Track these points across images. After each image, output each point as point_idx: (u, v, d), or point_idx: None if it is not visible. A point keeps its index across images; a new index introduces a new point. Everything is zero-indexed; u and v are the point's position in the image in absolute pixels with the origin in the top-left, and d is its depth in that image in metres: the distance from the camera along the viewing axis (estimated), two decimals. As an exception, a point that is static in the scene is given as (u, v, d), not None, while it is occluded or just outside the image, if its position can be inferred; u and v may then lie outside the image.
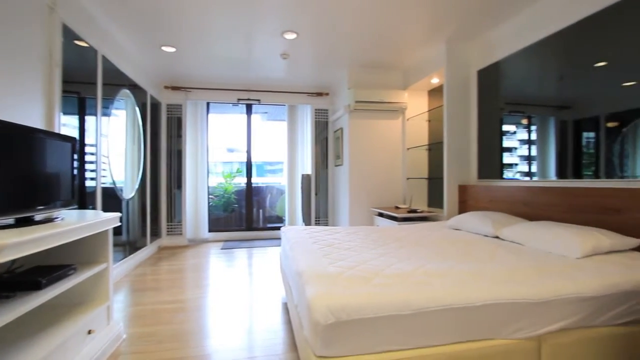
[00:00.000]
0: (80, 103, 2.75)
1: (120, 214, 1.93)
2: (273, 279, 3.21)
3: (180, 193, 4.86)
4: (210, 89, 4.88)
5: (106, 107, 3.08)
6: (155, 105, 4.53)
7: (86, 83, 2.78)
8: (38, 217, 1.55)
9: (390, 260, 1.75)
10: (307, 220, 5.16)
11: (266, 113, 6.42)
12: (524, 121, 3.00)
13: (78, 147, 2.58)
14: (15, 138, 1.44)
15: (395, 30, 3.18)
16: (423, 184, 4.31)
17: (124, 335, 2.03)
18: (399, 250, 2.01)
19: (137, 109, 3.85)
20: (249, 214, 5.56)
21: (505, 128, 3.14)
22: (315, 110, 5.24)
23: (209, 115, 5.31)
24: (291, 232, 2.60)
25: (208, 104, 5.23)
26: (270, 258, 4.07)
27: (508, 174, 3.10)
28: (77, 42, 2.59)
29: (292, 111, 5.54)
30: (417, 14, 2.88)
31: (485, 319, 1.33)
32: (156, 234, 4.57)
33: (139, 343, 1.97)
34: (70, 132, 2.51)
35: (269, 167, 7.32)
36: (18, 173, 1.45)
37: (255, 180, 6.50)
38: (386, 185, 4.40)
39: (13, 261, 1.47)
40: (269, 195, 6.34)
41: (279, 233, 2.90)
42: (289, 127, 5.54)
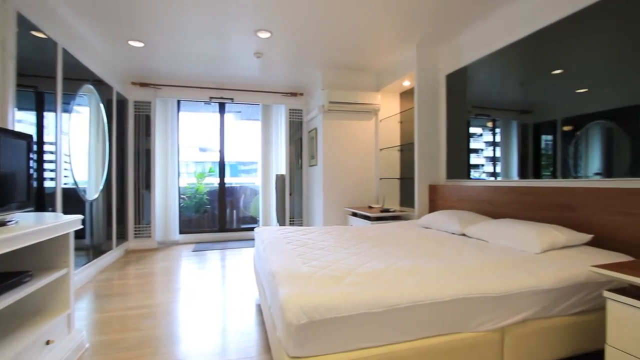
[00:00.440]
0: (38, 98, 2.57)
1: (82, 216, 1.83)
2: (247, 280, 3.17)
3: (149, 194, 4.68)
4: (181, 86, 4.73)
5: (67, 103, 2.91)
6: (122, 102, 4.34)
7: (44, 77, 2.61)
8: (-12, 221, 1.44)
9: (363, 259, 1.77)
10: (282, 220, 5.13)
11: (240, 112, 6.32)
12: (489, 124, 3.15)
13: (35, 145, 2.42)
14: (-39, 135, 1.33)
15: (367, 33, 3.24)
16: (395, 184, 4.42)
17: (86, 345, 1.92)
18: (372, 249, 2.04)
19: (102, 106, 3.67)
20: (222, 215, 5.45)
21: (472, 130, 3.28)
22: (290, 110, 5.22)
23: (180, 114, 5.14)
24: (265, 233, 2.58)
25: (179, 101, 5.06)
26: (244, 259, 4.01)
27: (475, 174, 3.24)
28: (34, 33, 2.43)
29: (266, 111, 5.49)
30: (388, 18, 2.94)
31: (453, 314, 1.39)
32: (123, 237, 4.37)
33: (103, 352, 1.88)
34: (26, 129, 2.34)
35: (243, 167, 7.20)
36: (-35, 173, 1.34)
37: (228, 180, 6.37)
38: (360, 185, 4.47)
39: (-41, 269, 1.35)
40: (242, 196, 6.24)
41: (253, 234, 2.87)
42: (263, 127, 5.49)
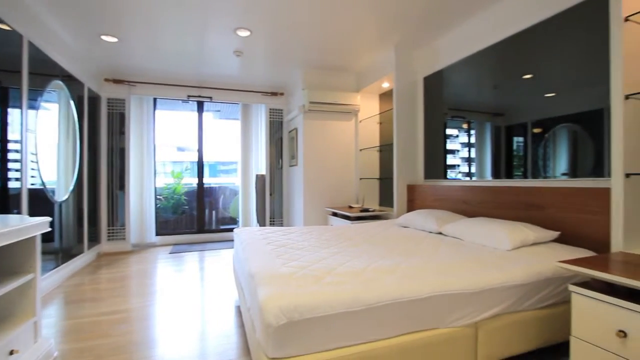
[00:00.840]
0: (1, 93, 2.43)
1: (50, 218, 1.75)
2: (226, 282, 3.12)
3: (124, 194, 4.52)
4: (158, 83, 4.60)
5: (34, 99, 2.76)
6: (94, 99, 4.17)
7: (8, 71, 2.47)
8: (-55, 224, 1.35)
9: (342, 259, 1.79)
10: (262, 221, 5.09)
11: (219, 111, 6.21)
12: (465, 126, 3.25)
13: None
14: None
15: (347, 34, 3.26)
16: (375, 184, 4.48)
17: (55, 353, 1.83)
18: (351, 248, 2.07)
19: (72, 103, 3.51)
20: (201, 216, 5.34)
21: (448, 132, 3.37)
22: (270, 109, 5.19)
23: (156, 112, 5.00)
24: (244, 234, 2.55)
25: (155, 99, 4.92)
26: (223, 261, 3.94)
27: (451, 174, 3.34)
28: (-3, 25, 2.30)
29: (246, 110, 5.43)
30: (368, 20, 2.98)
31: (430, 310, 1.42)
32: (95, 240, 4.20)
33: None
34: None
35: (222, 167, 7.09)
36: None
37: (207, 180, 6.26)
38: (340, 185, 4.50)
39: None
40: (222, 196, 6.14)
41: (232, 235, 2.83)
42: (243, 127, 5.43)
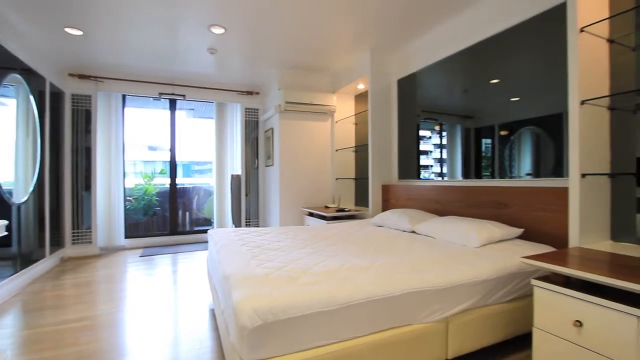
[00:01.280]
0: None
1: (7, 221, 1.64)
2: (200, 285, 3.05)
3: (90, 195, 4.30)
4: (127, 80, 4.41)
5: (-12, 95, 2.58)
6: (57, 95, 3.94)
7: (-41, 64, 2.29)
8: None
9: (318, 259, 1.80)
10: (237, 221, 5.02)
11: (192, 110, 6.05)
12: (437, 127, 3.36)
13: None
14: None
15: (322, 35, 3.28)
16: (351, 184, 4.53)
17: (13, 364, 1.72)
18: (327, 248, 2.08)
19: (32, 98, 3.30)
20: (174, 217, 5.18)
21: (421, 133, 3.47)
22: (246, 109, 5.11)
23: (126, 110, 4.80)
24: (219, 235, 2.50)
25: (124, 96, 4.72)
26: (197, 263, 3.85)
27: (424, 174, 3.44)
28: (-55, 14, 2.12)
29: (221, 109, 5.33)
30: (344, 22, 3.01)
31: (403, 307, 1.46)
32: (58, 244, 3.97)
33: (33, 371, 1.70)
34: None
35: (196, 167, 6.92)
36: None
37: (181, 180, 6.09)
38: (316, 186, 4.51)
39: None
40: (196, 197, 5.99)
41: (206, 236, 2.77)
42: (218, 126, 5.32)
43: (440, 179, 3.23)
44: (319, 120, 4.50)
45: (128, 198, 5.19)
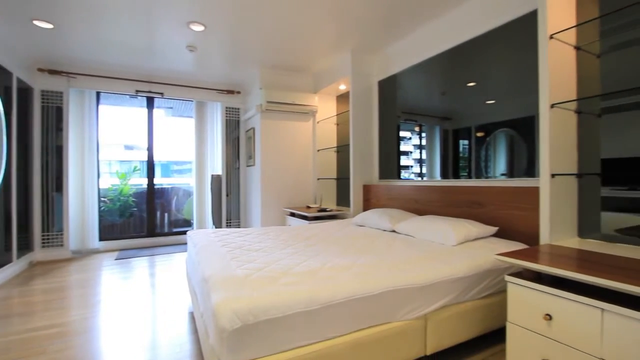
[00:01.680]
0: None
1: (-31, 224, 1.55)
2: (179, 287, 2.98)
3: (61, 196, 4.12)
4: (102, 76, 4.25)
5: (-52, 90, 2.42)
6: (25, 91, 3.75)
7: None
8: None
9: (299, 259, 1.80)
10: (218, 222, 4.93)
11: (171, 108, 5.92)
12: (417, 128, 3.42)
13: None
14: None
15: (304, 35, 3.28)
16: (332, 184, 4.55)
17: (-24, 376, 1.63)
18: (308, 248, 2.08)
19: (-3, 95, 3.13)
20: (151, 219, 5.04)
21: (402, 134, 3.53)
22: (226, 108, 5.04)
23: (100, 107, 4.63)
24: (198, 236, 2.46)
25: (98, 93, 4.55)
26: (176, 265, 3.76)
27: (405, 174, 3.50)
28: None
29: (201, 108, 5.23)
30: (324, 23, 3.02)
31: (383, 305, 1.48)
32: (26, 247, 3.78)
33: (-1, 382, 1.61)
34: None
35: (175, 167, 6.77)
36: None
37: (159, 181, 5.94)
38: (298, 186, 4.51)
39: None
40: (175, 197, 5.84)
41: (186, 238, 2.71)
42: (197, 125, 5.22)
43: (420, 179, 3.30)
44: (300, 121, 4.50)
45: (103, 199, 5.01)
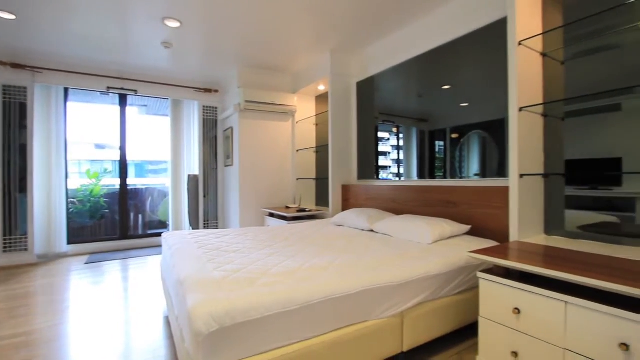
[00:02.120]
0: None
1: None
2: (153, 291, 2.89)
3: (26, 198, 3.89)
4: (70, 72, 4.05)
5: None
6: (-16, 86, 3.52)
7: None
8: None
9: (277, 260, 1.79)
10: (195, 224, 4.83)
11: (145, 106, 5.73)
12: (394, 129, 3.49)
13: None
14: None
15: (283, 34, 3.26)
16: (311, 184, 4.55)
17: None
18: (287, 248, 2.08)
19: (-47, 89, 2.92)
20: (124, 220, 4.86)
21: (380, 135, 3.58)
22: (204, 107, 4.93)
23: (69, 104, 4.41)
24: (173, 238, 2.40)
25: (67, 89, 4.34)
26: (150, 269, 3.65)
27: (383, 174, 3.56)
28: None
29: (177, 106, 5.09)
30: (304, 22, 3.02)
31: (360, 304, 1.50)
32: (-14, 252, 3.55)
33: (-46, 397, 1.51)
34: None
35: (150, 167, 6.56)
36: None
37: (133, 181, 5.73)
38: (277, 186, 4.48)
39: None
40: (149, 198, 5.66)
41: (161, 240, 2.64)
42: (173, 124, 5.08)
43: (397, 179, 3.36)
44: (279, 120, 4.47)
45: (71, 200, 4.78)
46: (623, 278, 1.11)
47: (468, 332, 1.97)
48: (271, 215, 4.10)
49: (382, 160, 3.60)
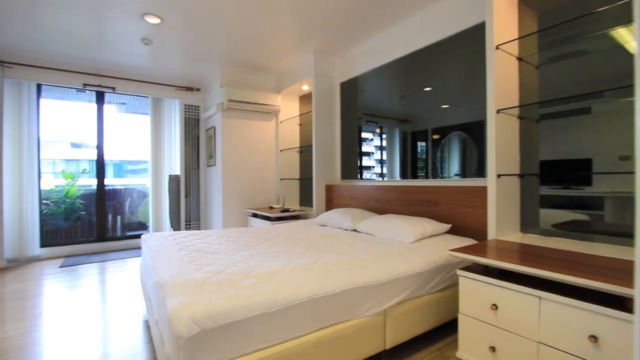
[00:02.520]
0: None
1: None
2: (132, 295, 2.81)
3: (-6, 199, 3.71)
4: (44, 67, 3.89)
5: None
6: (-52, 81, 3.33)
7: None
8: None
9: (260, 260, 1.78)
10: (176, 225, 4.73)
11: (124, 104, 5.56)
12: (378, 130, 3.52)
13: None
14: None
15: (266, 33, 3.24)
16: (295, 184, 4.54)
17: None
18: (270, 249, 2.06)
19: None
20: (102, 222, 4.70)
21: (363, 135, 3.61)
22: (185, 105, 4.84)
23: (42, 101, 4.23)
24: (153, 240, 2.34)
25: (39, 85, 4.16)
26: (129, 272, 3.55)
27: (366, 175, 3.59)
28: None
29: (157, 104, 4.97)
30: (287, 22, 3.01)
31: (344, 303, 1.51)
32: (-49, 256, 3.36)
33: None
34: None
35: (130, 167, 6.38)
36: None
37: (111, 181, 5.57)
38: (260, 186, 4.45)
39: None
40: (128, 199, 5.49)
41: (140, 242, 2.57)
42: (154, 122, 4.96)
43: (380, 179, 3.40)
44: (263, 120, 4.44)
45: (45, 201, 4.59)
46: (592, 273, 1.17)
47: (448, 329, 2.02)
48: (254, 215, 4.07)
49: (366, 161, 3.63)
